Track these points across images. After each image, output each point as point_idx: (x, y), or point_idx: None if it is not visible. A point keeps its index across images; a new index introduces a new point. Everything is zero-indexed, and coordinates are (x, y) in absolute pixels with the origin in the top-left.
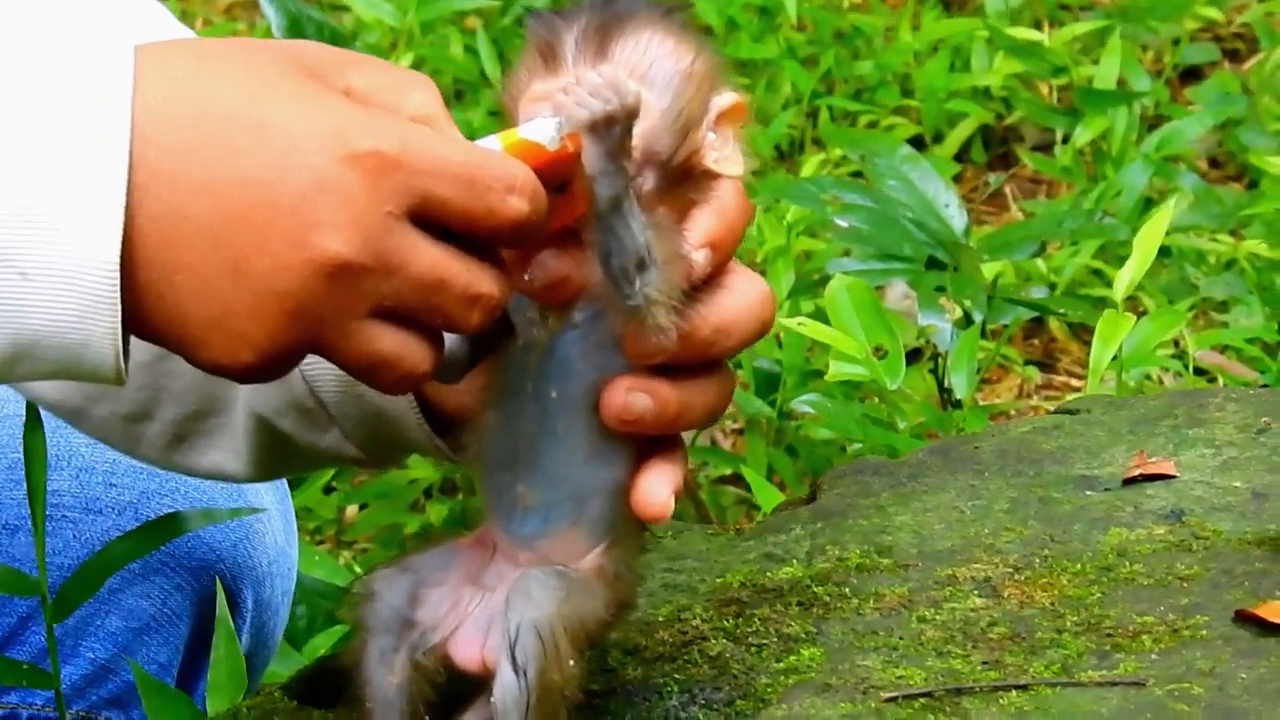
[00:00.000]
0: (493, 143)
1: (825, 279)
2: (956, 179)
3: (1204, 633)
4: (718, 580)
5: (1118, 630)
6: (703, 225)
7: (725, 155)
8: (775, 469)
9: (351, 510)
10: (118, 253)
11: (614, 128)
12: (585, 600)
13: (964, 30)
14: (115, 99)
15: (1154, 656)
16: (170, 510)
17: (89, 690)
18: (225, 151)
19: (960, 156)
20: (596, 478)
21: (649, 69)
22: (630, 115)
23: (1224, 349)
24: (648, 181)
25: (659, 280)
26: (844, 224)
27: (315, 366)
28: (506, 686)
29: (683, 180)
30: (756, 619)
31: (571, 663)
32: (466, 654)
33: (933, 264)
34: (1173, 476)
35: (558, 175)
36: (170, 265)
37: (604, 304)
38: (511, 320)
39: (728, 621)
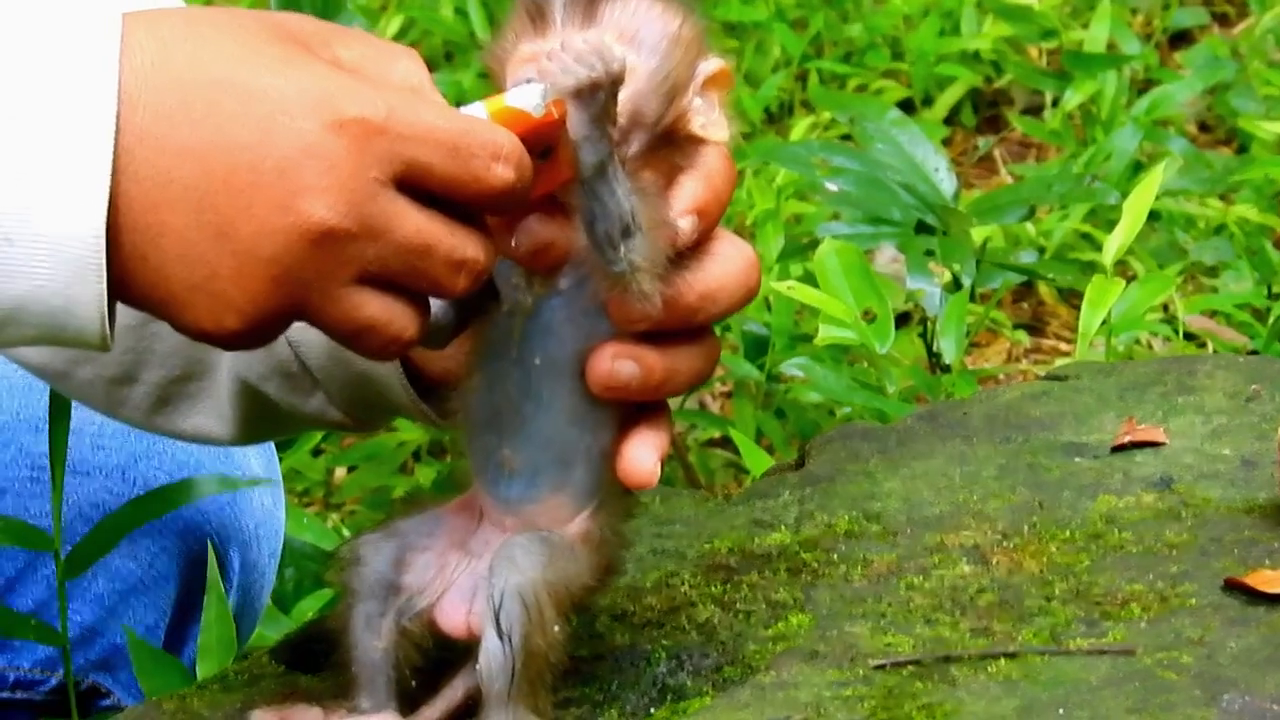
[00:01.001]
0: (478, 109)
1: (814, 242)
2: (946, 142)
3: (1193, 601)
4: (706, 546)
5: (1106, 598)
6: (688, 191)
7: (711, 120)
8: (764, 432)
9: (340, 473)
10: (104, 217)
11: (599, 94)
12: (570, 565)
13: None
14: (103, 63)
15: (1143, 625)
16: (157, 473)
17: (75, 653)
18: (211, 115)
19: (949, 120)
20: (581, 442)
21: (637, 32)
22: (615, 82)
23: (1213, 314)
24: (633, 146)
25: (644, 247)
26: (833, 187)
27: (300, 331)
28: (492, 652)
29: (668, 145)
30: (745, 585)
31: (556, 628)
32: (452, 619)
33: (922, 228)
34: (1162, 444)
35: (543, 141)
36: (155, 229)
37: (589, 270)
38: (497, 286)
39: (716, 587)
